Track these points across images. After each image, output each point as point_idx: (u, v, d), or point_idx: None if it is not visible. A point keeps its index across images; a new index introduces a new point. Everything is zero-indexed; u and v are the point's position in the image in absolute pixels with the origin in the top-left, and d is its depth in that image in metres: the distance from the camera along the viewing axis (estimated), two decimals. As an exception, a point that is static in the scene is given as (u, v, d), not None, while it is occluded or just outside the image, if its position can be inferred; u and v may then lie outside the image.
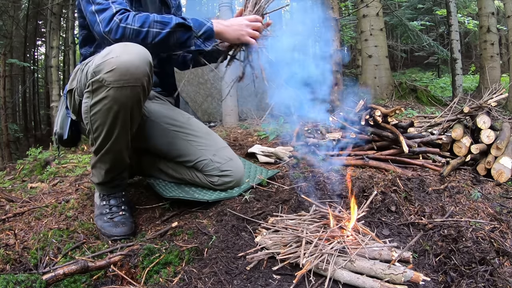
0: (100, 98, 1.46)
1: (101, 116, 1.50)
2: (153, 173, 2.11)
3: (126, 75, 1.42)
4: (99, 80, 1.43)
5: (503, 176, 2.07)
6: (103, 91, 1.44)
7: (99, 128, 1.54)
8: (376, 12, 6.91)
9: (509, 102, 5.72)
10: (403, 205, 1.71)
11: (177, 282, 1.24)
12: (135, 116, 1.57)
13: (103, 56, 1.44)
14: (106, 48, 1.48)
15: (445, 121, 2.64)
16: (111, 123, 1.51)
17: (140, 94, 1.50)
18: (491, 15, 6.87)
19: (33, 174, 3.27)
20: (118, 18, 1.52)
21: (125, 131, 1.57)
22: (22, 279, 1.12)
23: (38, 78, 16.22)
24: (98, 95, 1.46)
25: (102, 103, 1.47)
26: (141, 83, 1.46)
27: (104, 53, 1.45)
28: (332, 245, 1.23)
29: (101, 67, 1.43)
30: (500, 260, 1.29)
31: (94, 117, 1.51)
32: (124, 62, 1.41)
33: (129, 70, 1.42)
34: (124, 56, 1.42)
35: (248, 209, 1.71)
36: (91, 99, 1.49)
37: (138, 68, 1.43)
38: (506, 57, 7.62)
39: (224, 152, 1.93)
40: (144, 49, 1.48)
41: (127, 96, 1.46)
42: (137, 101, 1.51)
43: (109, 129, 1.53)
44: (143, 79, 1.47)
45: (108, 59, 1.42)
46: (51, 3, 8.85)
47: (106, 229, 1.63)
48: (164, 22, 1.56)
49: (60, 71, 10.82)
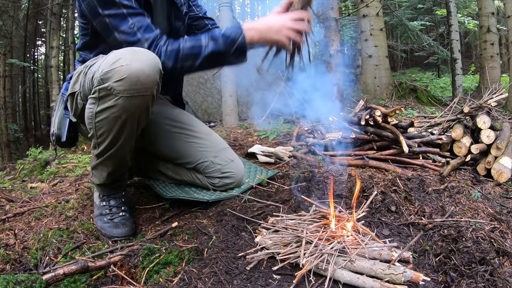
0: (108, 106, 1.41)
1: (107, 124, 1.46)
2: (152, 175, 2.11)
3: (137, 85, 1.37)
4: (107, 88, 1.38)
5: (503, 176, 2.07)
6: (112, 99, 1.40)
7: (104, 134, 1.50)
8: (376, 12, 6.90)
9: (509, 102, 5.72)
10: (403, 205, 1.71)
11: (177, 282, 1.24)
12: (141, 122, 1.54)
13: (112, 63, 1.37)
14: (113, 53, 1.42)
15: (445, 121, 2.64)
16: (118, 131, 1.48)
17: (149, 103, 1.46)
18: (491, 15, 6.87)
19: (33, 174, 3.27)
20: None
21: (130, 137, 1.55)
22: (22, 279, 1.12)
23: (38, 78, 16.23)
24: (105, 102, 1.41)
25: (110, 111, 1.42)
26: (151, 92, 1.42)
27: (112, 59, 1.39)
28: (332, 245, 1.23)
29: (109, 74, 1.37)
30: (500, 260, 1.29)
31: (99, 124, 1.47)
32: (135, 71, 1.35)
33: (139, 80, 1.36)
34: (135, 64, 1.35)
35: (248, 209, 1.71)
36: (97, 105, 1.44)
37: (148, 77, 1.38)
38: (506, 57, 7.62)
39: (225, 154, 1.93)
40: (154, 55, 1.43)
41: (136, 106, 1.42)
42: (145, 110, 1.48)
43: (115, 136, 1.50)
44: (153, 88, 1.42)
45: (118, 67, 1.36)
46: (51, 3, 8.85)
47: (106, 230, 1.63)
48: (195, 54, 1.49)
49: (60, 71, 10.81)
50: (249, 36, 1.51)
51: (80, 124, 1.73)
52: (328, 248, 1.21)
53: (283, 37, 1.51)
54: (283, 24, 1.49)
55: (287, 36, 1.50)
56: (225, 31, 1.53)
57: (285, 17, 1.52)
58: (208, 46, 1.50)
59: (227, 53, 1.52)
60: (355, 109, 2.58)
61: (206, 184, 1.91)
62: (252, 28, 1.52)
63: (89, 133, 1.55)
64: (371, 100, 6.21)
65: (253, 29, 1.52)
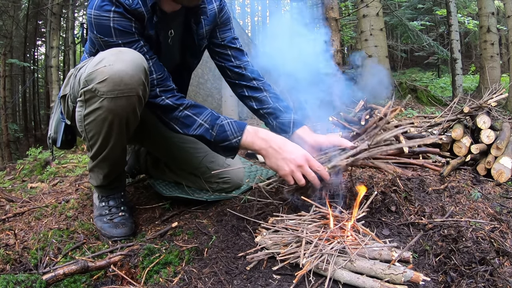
0: (94, 109, 1.39)
1: (95, 126, 1.44)
2: (153, 174, 2.12)
3: (120, 85, 1.34)
4: (91, 90, 1.35)
5: (503, 176, 2.07)
6: (97, 101, 1.37)
7: (95, 136, 1.48)
8: (376, 12, 6.91)
9: (509, 102, 5.72)
10: (403, 205, 1.71)
11: (177, 282, 1.24)
12: (131, 123, 1.50)
13: (95, 64, 1.35)
14: (99, 54, 1.40)
15: (445, 121, 2.64)
16: (107, 132, 1.45)
17: (136, 104, 1.42)
18: (491, 15, 6.87)
19: (33, 174, 3.28)
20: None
21: (121, 138, 1.52)
22: (22, 279, 1.12)
23: (38, 78, 16.24)
24: (91, 105, 1.39)
25: (96, 113, 1.40)
26: (136, 92, 1.38)
27: (96, 60, 1.37)
28: (332, 245, 1.23)
29: (93, 75, 1.34)
30: (500, 260, 1.29)
31: (88, 127, 1.46)
32: (118, 71, 1.32)
33: (123, 80, 1.33)
34: (118, 64, 1.33)
35: (248, 209, 1.71)
36: (84, 108, 1.42)
37: (132, 78, 1.35)
38: (506, 57, 7.62)
39: (222, 158, 1.91)
40: (140, 55, 1.41)
41: (122, 107, 1.39)
42: (132, 110, 1.43)
43: (105, 138, 1.48)
44: (138, 88, 1.38)
45: (100, 68, 1.33)
46: (51, 3, 8.85)
47: (106, 230, 1.63)
48: (184, 124, 1.51)
49: (60, 71, 10.82)
50: (248, 141, 1.47)
51: (75, 126, 1.71)
52: (328, 248, 1.21)
53: (287, 171, 1.41)
54: (296, 157, 1.39)
55: (290, 171, 1.41)
56: (227, 123, 1.50)
57: (304, 152, 1.42)
58: (200, 128, 1.50)
59: (214, 144, 1.52)
60: (355, 109, 2.58)
61: (206, 187, 1.91)
62: (260, 137, 1.46)
63: (82, 135, 1.54)
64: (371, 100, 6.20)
65: (260, 138, 1.46)
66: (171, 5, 1.53)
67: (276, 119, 1.73)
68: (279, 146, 1.43)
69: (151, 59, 1.50)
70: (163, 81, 1.53)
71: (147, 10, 1.45)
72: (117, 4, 1.38)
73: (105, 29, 1.41)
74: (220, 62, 1.82)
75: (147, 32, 1.50)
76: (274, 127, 1.74)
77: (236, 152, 1.54)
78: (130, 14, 1.41)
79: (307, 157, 1.41)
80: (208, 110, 1.55)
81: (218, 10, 1.71)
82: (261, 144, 1.45)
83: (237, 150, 1.53)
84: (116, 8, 1.39)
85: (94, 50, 1.57)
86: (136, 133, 1.66)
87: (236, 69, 1.80)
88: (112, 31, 1.41)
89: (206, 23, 1.68)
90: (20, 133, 12.74)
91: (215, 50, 1.81)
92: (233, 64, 1.80)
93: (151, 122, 1.73)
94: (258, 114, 1.81)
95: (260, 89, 1.78)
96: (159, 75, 1.53)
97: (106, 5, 1.38)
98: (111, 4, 1.38)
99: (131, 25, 1.43)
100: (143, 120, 1.60)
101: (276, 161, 1.43)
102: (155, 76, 1.51)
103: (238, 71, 1.80)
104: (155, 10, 1.47)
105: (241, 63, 1.80)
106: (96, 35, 1.43)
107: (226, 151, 1.53)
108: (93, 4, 1.40)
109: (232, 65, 1.80)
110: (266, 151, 1.45)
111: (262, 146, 1.45)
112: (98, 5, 1.39)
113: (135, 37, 1.45)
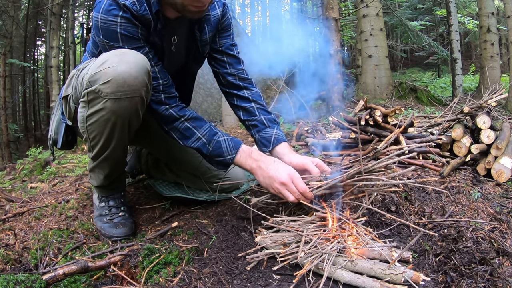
0: (97, 110, 1.39)
1: (98, 127, 1.44)
2: (154, 174, 2.12)
3: (124, 87, 1.34)
4: (95, 91, 1.35)
5: (503, 176, 2.07)
6: (100, 102, 1.37)
7: (97, 137, 1.48)
8: (376, 12, 6.91)
9: (509, 102, 5.72)
10: (403, 205, 1.71)
11: (177, 282, 1.24)
12: (133, 125, 1.50)
13: (99, 65, 1.35)
14: (102, 55, 1.40)
15: (445, 121, 2.64)
16: (109, 133, 1.46)
17: (138, 105, 1.42)
18: (491, 15, 6.87)
19: (33, 174, 3.27)
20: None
21: (123, 139, 1.52)
22: (22, 279, 1.12)
23: (38, 78, 16.24)
24: (94, 106, 1.38)
25: (99, 114, 1.39)
26: (140, 94, 1.38)
27: (100, 61, 1.36)
28: (332, 245, 1.23)
29: (96, 76, 1.34)
30: (500, 260, 1.29)
31: (90, 127, 1.45)
32: (121, 72, 1.32)
33: (126, 82, 1.33)
34: (121, 66, 1.32)
35: (248, 209, 1.71)
36: (87, 109, 1.41)
37: (136, 79, 1.35)
38: (506, 57, 7.63)
39: None
40: (143, 56, 1.40)
41: (125, 108, 1.39)
42: (135, 112, 1.43)
43: (107, 139, 1.48)
44: (142, 90, 1.38)
45: (104, 69, 1.33)
46: (51, 3, 8.85)
47: (106, 230, 1.63)
48: (184, 135, 1.56)
49: (60, 71, 10.83)
50: (241, 160, 1.54)
51: (76, 127, 1.71)
52: (328, 248, 1.21)
53: (274, 188, 1.47)
54: (280, 177, 1.44)
55: (276, 189, 1.46)
56: (223, 140, 1.56)
57: (291, 171, 1.45)
58: (198, 142, 1.56)
59: (209, 158, 1.59)
60: (355, 109, 2.58)
61: (206, 188, 1.92)
62: (252, 157, 1.53)
63: (83, 136, 1.54)
64: (371, 100, 6.21)
65: (252, 158, 1.53)
66: (174, 12, 1.52)
67: (259, 133, 1.76)
68: (266, 165, 1.49)
69: (156, 66, 1.51)
70: (168, 88, 1.55)
71: (153, 16, 1.45)
72: (124, 10, 1.37)
73: (111, 33, 1.40)
74: (215, 68, 1.83)
75: (152, 38, 1.50)
76: (256, 140, 1.78)
77: (228, 167, 1.60)
78: (137, 20, 1.41)
79: (292, 176, 1.44)
80: (207, 124, 1.60)
81: (221, 15, 1.72)
82: (251, 164, 1.53)
83: (229, 166, 1.60)
84: (124, 14, 1.38)
85: (96, 51, 1.57)
86: (137, 134, 1.66)
87: (229, 77, 1.80)
88: (119, 37, 1.41)
89: (209, 29, 1.68)
90: (20, 133, 12.74)
91: (212, 55, 1.81)
92: (228, 71, 1.80)
93: (152, 123, 1.73)
94: (245, 124, 1.85)
95: (249, 99, 1.81)
96: (165, 81, 1.54)
97: (114, 10, 1.37)
98: (119, 9, 1.37)
99: (137, 31, 1.43)
100: (145, 121, 1.60)
101: (264, 179, 1.49)
102: (161, 81, 1.53)
103: (231, 79, 1.81)
104: (159, 17, 1.47)
105: (235, 71, 1.81)
106: (102, 39, 1.43)
107: (219, 164, 1.60)
108: (100, 8, 1.38)
109: (226, 72, 1.80)
110: (255, 170, 1.52)
111: (253, 166, 1.53)
112: (106, 9, 1.37)
113: (141, 43, 1.46)
